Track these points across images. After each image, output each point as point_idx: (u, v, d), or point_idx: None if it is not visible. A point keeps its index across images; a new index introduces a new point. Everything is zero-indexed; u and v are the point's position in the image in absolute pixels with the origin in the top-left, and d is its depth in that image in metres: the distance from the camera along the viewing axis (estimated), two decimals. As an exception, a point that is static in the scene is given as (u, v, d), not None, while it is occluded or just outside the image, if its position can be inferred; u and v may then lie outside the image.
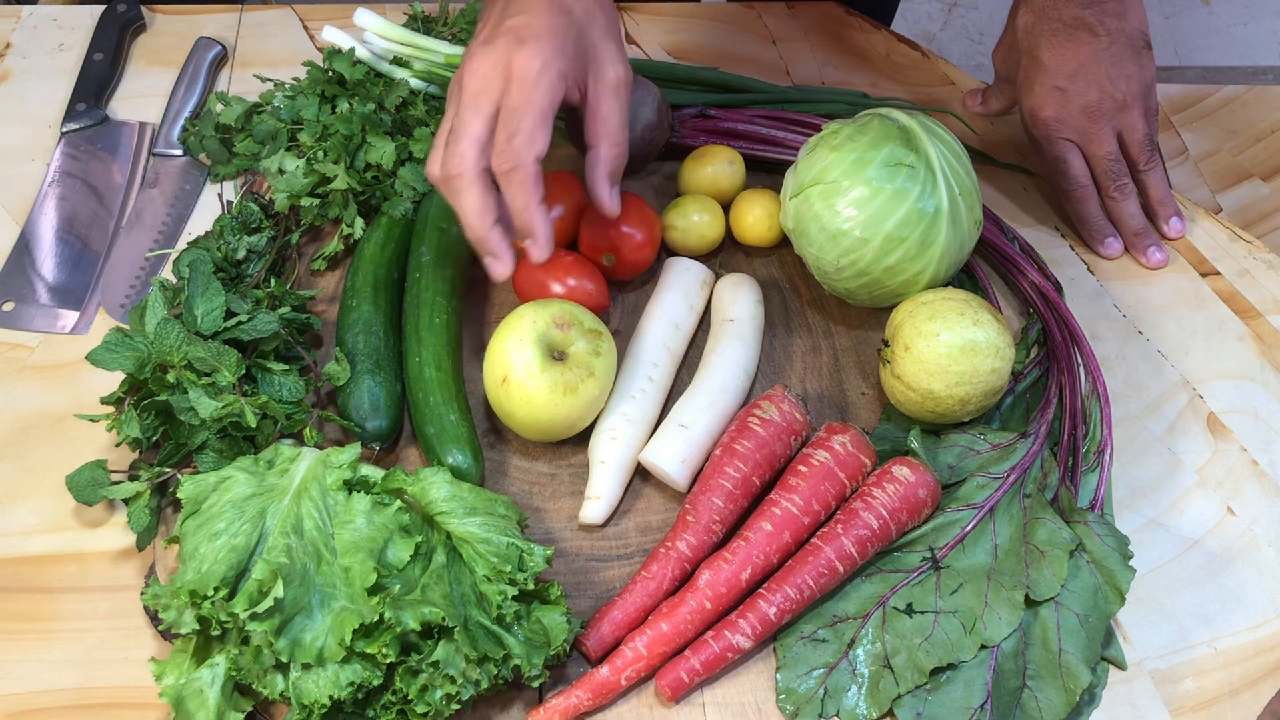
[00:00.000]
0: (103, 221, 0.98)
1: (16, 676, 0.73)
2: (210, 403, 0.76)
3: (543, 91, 0.74)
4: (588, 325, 0.82)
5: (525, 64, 0.74)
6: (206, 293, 0.81)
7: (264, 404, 0.78)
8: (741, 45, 1.17)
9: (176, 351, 0.77)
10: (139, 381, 0.79)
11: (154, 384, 0.78)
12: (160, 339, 0.78)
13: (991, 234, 0.95)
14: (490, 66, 0.74)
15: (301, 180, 0.93)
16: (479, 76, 0.75)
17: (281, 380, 0.81)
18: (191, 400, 0.76)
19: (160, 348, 0.78)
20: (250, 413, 0.76)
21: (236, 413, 0.76)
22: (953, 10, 2.45)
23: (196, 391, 0.76)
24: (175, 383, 0.77)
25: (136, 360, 0.78)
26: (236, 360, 0.78)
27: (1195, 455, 0.88)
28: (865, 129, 0.85)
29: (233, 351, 0.78)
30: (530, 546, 0.71)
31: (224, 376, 0.77)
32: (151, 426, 0.79)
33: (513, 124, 0.74)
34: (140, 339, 0.79)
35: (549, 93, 0.74)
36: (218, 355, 0.77)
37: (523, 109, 0.74)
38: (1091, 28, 0.95)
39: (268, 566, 0.67)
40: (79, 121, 1.04)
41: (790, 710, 0.73)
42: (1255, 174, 1.12)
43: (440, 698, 0.66)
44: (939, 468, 0.81)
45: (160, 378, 0.78)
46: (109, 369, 0.78)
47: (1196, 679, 0.76)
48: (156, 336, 0.78)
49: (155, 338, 0.78)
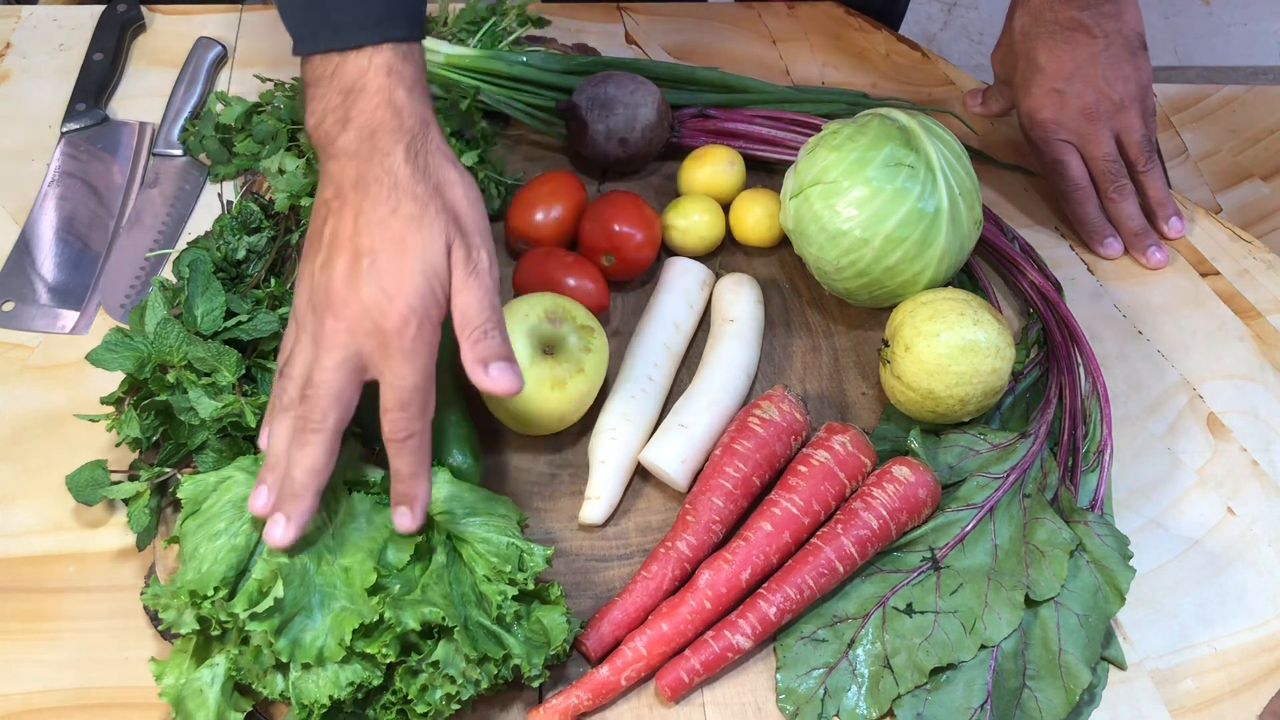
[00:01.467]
0: (103, 221, 0.98)
1: (16, 676, 0.73)
2: (210, 403, 0.76)
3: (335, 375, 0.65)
4: (580, 321, 0.82)
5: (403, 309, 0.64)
6: (206, 293, 0.81)
7: (264, 404, 0.77)
8: (741, 45, 1.17)
9: (176, 352, 0.77)
10: (139, 381, 0.79)
11: (154, 384, 0.78)
12: (160, 339, 0.78)
13: (991, 234, 0.95)
14: None
15: (301, 180, 0.93)
16: None
17: None
18: (191, 400, 0.76)
19: (160, 348, 0.78)
20: (250, 413, 0.76)
21: (237, 413, 0.76)
22: (953, 10, 2.45)
23: (196, 391, 0.76)
24: (175, 383, 0.77)
25: (136, 360, 0.78)
26: (236, 360, 0.77)
27: (1195, 455, 0.88)
28: (865, 129, 0.85)
29: (233, 351, 0.78)
30: (530, 546, 0.71)
31: (224, 376, 0.77)
32: (151, 426, 0.79)
33: (313, 379, 0.65)
34: (140, 339, 0.79)
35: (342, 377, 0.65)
36: (218, 355, 0.77)
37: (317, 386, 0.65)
38: (1088, 29, 0.95)
39: (268, 566, 0.67)
40: (79, 121, 1.04)
41: (790, 710, 0.73)
42: (1255, 174, 1.12)
43: (440, 697, 0.66)
44: (939, 468, 0.81)
45: (160, 378, 0.78)
46: (109, 369, 0.78)
47: (1196, 679, 0.76)
48: (156, 336, 0.78)
49: (155, 338, 0.78)
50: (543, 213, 0.92)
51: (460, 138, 0.99)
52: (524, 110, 1.02)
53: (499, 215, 0.99)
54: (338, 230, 0.66)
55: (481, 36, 1.04)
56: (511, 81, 1.01)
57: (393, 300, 0.63)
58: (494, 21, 1.05)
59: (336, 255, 0.65)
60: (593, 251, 0.92)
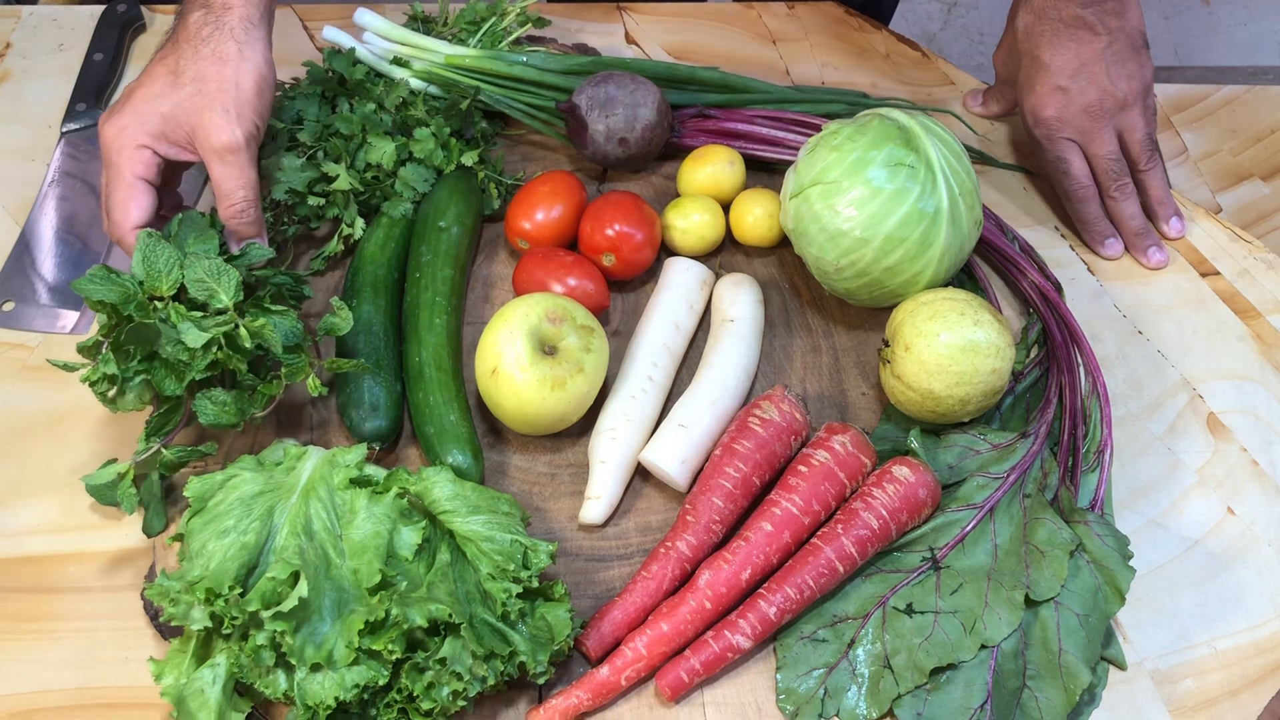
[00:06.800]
0: (102, 221, 0.98)
1: (17, 676, 0.73)
2: (200, 333, 0.70)
3: (124, 159, 0.80)
4: (580, 321, 0.82)
5: (109, 135, 0.80)
6: (199, 236, 0.77)
7: (261, 326, 0.73)
8: (741, 45, 1.17)
9: (167, 276, 0.72)
10: (122, 318, 0.73)
11: (138, 312, 0.71)
12: (150, 260, 0.72)
13: (991, 234, 0.95)
14: (100, 134, 0.82)
15: (300, 175, 0.93)
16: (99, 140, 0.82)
17: (279, 321, 0.76)
18: (180, 332, 0.70)
19: (150, 270, 0.72)
20: (246, 333, 0.71)
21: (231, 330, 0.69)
22: (953, 10, 2.45)
23: (186, 324, 0.71)
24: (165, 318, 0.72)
25: (122, 293, 0.72)
26: (237, 280, 0.72)
27: (1195, 455, 0.88)
28: (865, 129, 0.85)
29: (232, 270, 0.72)
30: (535, 543, 0.71)
31: (220, 300, 0.72)
32: (133, 369, 0.73)
33: (109, 195, 0.80)
34: (127, 277, 0.73)
35: (129, 163, 0.80)
36: (216, 274, 0.72)
37: (111, 181, 0.80)
38: (1092, 27, 0.95)
39: (288, 566, 0.67)
40: (79, 121, 1.04)
41: (790, 710, 0.73)
42: (1255, 174, 1.12)
43: (447, 694, 0.66)
44: (939, 468, 0.81)
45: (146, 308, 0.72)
46: (92, 298, 0.72)
47: (1196, 679, 0.76)
48: (146, 257, 0.72)
49: (145, 258, 0.72)
50: (543, 213, 0.92)
51: (460, 138, 1.00)
52: (524, 110, 1.02)
53: (499, 215, 0.99)
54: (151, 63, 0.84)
55: (481, 36, 1.04)
56: (511, 81, 1.01)
57: (129, 127, 0.80)
58: (494, 21, 1.05)
59: None
60: (593, 251, 0.92)
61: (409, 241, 0.93)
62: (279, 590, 0.66)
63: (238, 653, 0.66)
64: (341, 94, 0.99)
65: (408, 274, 0.91)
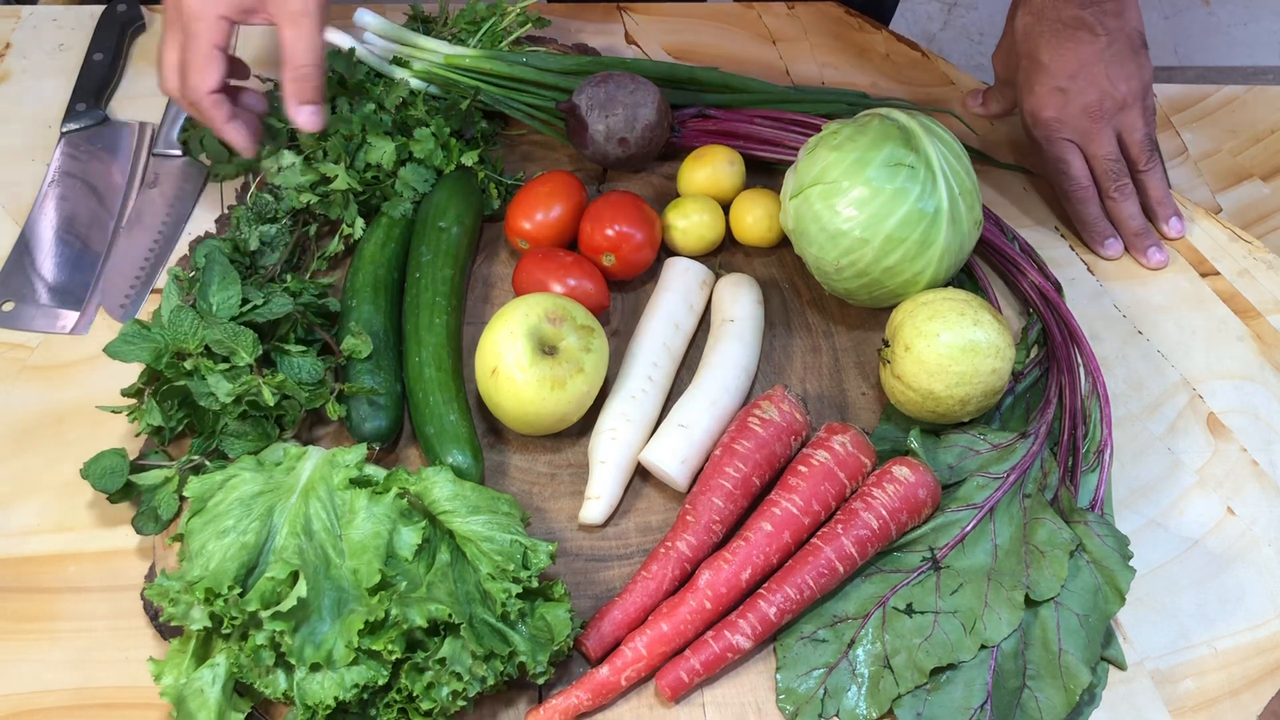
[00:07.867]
0: (103, 221, 0.98)
1: (16, 676, 0.73)
2: (228, 385, 0.76)
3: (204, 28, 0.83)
4: (580, 321, 0.82)
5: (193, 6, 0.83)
6: (222, 281, 0.82)
7: (281, 383, 0.78)
8: (741, 45, 1.17)
9: (193, 338, 0.78)
10: (157, 372, 0.79)
11: (169, 371, 0.78)
12: (175, 325, 0.78)
13: (991, 234, 0.95)
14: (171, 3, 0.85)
15: (299, 176, 0.93)
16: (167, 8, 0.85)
17: (299, 361, 0.81)
18: (210, 385, 0.77)
19: (175, 334, 0.78)
20: (268, 391, 0.76)
21: (255, 391, 0.76)
22: (953, 10, 2.45)
23: (215, 376, 0.77)
24: (193, 370, 0.78)
25: (153, 351, 0.78)
26: (253, 340, 0.78)
27: (1195, 455, 0.88)
28: (865, 129, 0.85)
29: (249, 332, 0.78)
30: (534, 543, 0.71)
31: (241, 357, 0.78)
32: (175, 417, 0.79)
33: (188, 61, 0.85)
34: (156, 330, 0.79)
35: (209, 32, 0.83)
36: (234, 336, 0.78)
37: (190, 49, 0.84)
38: (1091, 27, 0.95)
39: (287, 566, 0.67)
40: (79, 121, 1.04)
41: (790, 710, 0.73)
42: (1255, 174, 1.12)
43: (447, 694, 0.66)
44: (939, 468, 0.81)
45: (177, 365, 0.78)
46: (126, 360, 0.78)
47: (1196, 679, 0.76)
48: (171, 324, 0.78)
49: (170, 325, 0.78)
50: (543, 213, 0.93)
51: (460, 138, 0.99)
52: (524, 110, 1.02)
53: (499, 215, 0.99)
54: None
55: (481, 36, 1.04)
56: (511, 81, 1.01)
57: None
58: (494, 21, 1.05)
59: None
60: (593, 251, 0.92)
61: (409, 241, 0.93)
62: (278, 590, 0.66)
63: (237, 653, 0.66)
64: (341, 94, 0.99)
65: (408, 274, 0.91)
